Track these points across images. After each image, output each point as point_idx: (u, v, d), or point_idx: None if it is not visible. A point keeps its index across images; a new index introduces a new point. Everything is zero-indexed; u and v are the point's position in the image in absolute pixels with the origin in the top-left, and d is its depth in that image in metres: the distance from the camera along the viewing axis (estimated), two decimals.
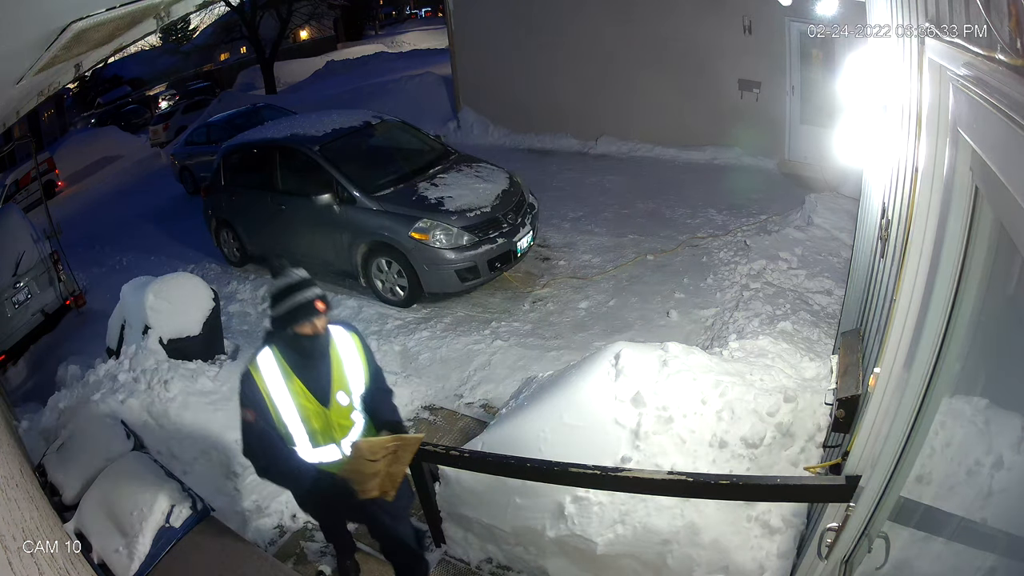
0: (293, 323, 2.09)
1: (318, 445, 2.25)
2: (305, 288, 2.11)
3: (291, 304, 2.09)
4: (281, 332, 2.14)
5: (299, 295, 2.09)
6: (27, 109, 3.76)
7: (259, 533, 3.24)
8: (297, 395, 2.16)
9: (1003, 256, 1.12)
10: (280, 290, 2.13)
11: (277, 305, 2.12)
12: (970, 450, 1.27)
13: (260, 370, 2.15)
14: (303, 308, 2.09)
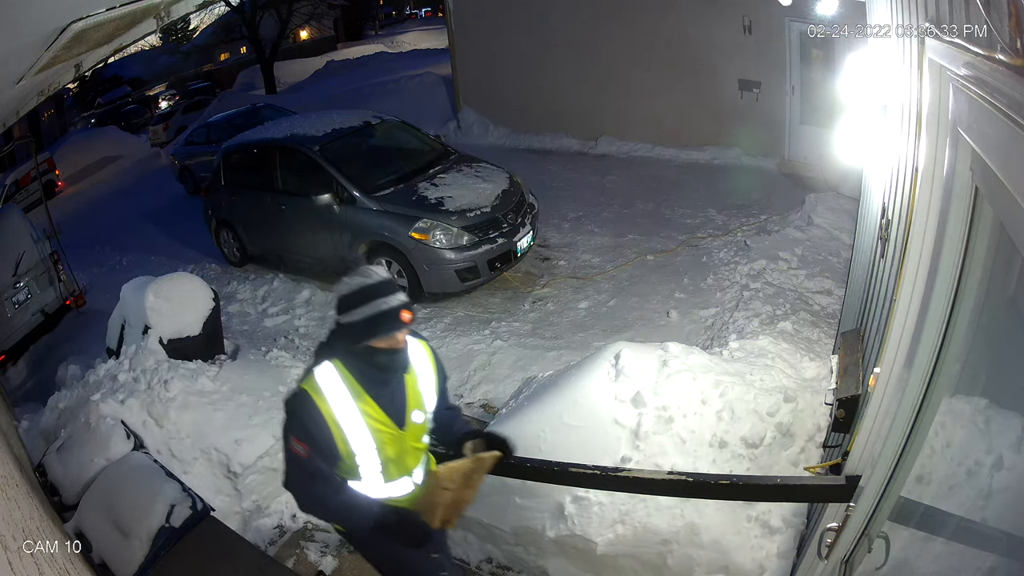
0: (372, 335, 1.72)
1: (391, 479, 1.89)
2: (388, 293, 1.72)
3: (371, 312, 1.70)
4: (351, 343, 1.75)
5: (381, 301, 1.70)
6: (27, 109, 3.76)
7: (259, 533, 3.24)
8: (370, 418, 1.79)
9: (1003, 256, 1.12)
10: (355, 293, 1.72)
11: (350, 311, 1.72)
12: (970, 450, 1.27)
13: (321, 390, 1.74)
14: (386, 318, 1.70)
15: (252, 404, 3.49)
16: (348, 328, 1.73)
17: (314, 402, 1.73)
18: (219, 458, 3.27)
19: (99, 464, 3.05)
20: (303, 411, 1.74)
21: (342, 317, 1.74)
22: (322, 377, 1.76)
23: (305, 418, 1.74)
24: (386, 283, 1.73)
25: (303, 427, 1.74)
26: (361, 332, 1.71)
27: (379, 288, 1.71)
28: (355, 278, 1.73)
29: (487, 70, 9.66)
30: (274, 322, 5.47)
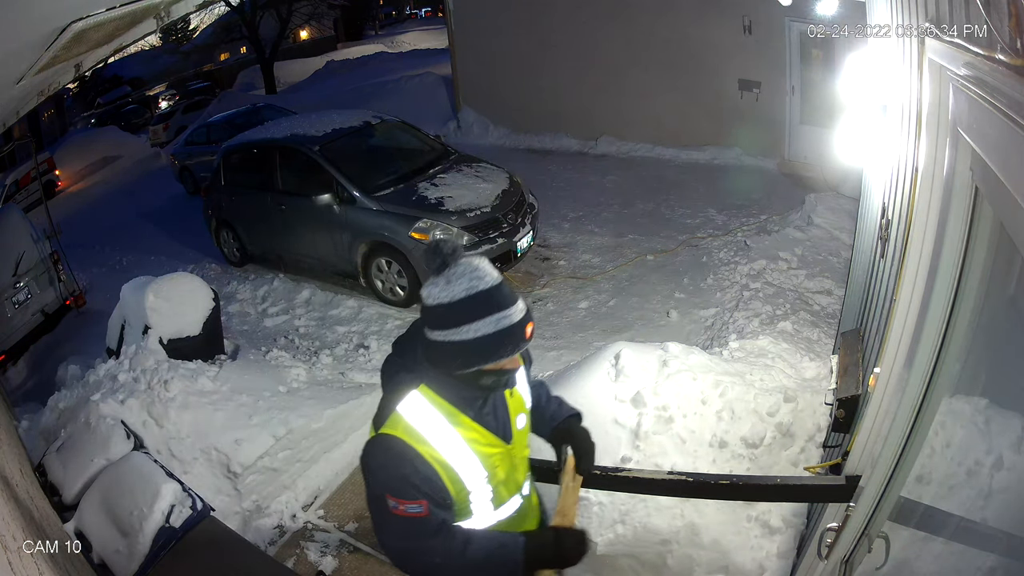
0: (486, 359, 1.28)
1: (501, 503, 1.50)
2: (508, 301, 1.28)
3: (487, 330, 1.26)
4: (451, 368, 1.32)
5: (501, 316, 1.27)
6: (27, 109, 3.76)
7: (259, 533, 3.24)
8: (477, 444, 1.40)
9: (1003, 256, 1.12)
10: (461, 303, 1.26)
11: (454, 327, 1.27)
12: (970, 450, 1.27)
13: (417, 431, 1.34)
14: (508, 337, 1.28)
15: (252, 404, 3.49)
16: (448, 349, 1.28)
17: (412, 448, 1.33)
18: (219, 458, 3.27)
19: (99, 464, 3.06)
20: (400, 462, 1.33)
21: (439, 334, 1.28)
22: (412, 414, 1.35)
23: (406, 471, 1.32)
24: (502, 286, 1.29)
25: (406, 482, 1.32)
26: (470, 356, 1.28)
27: (496, 295, 1.27)
28: (457, 281, 1.27)
29: (487, 70, 9.66)
30: (274, 322, 5.47)
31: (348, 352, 4.80)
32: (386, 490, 1.35)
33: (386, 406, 1.39)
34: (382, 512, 1.38)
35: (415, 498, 1.33)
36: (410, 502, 1.33)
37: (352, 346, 4.87)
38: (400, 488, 1.33)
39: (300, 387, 3.79)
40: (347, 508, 3.37)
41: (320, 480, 3.51)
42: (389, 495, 1.34)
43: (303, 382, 3.85)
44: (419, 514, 1.34)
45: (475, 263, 1.30)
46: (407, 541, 1.38)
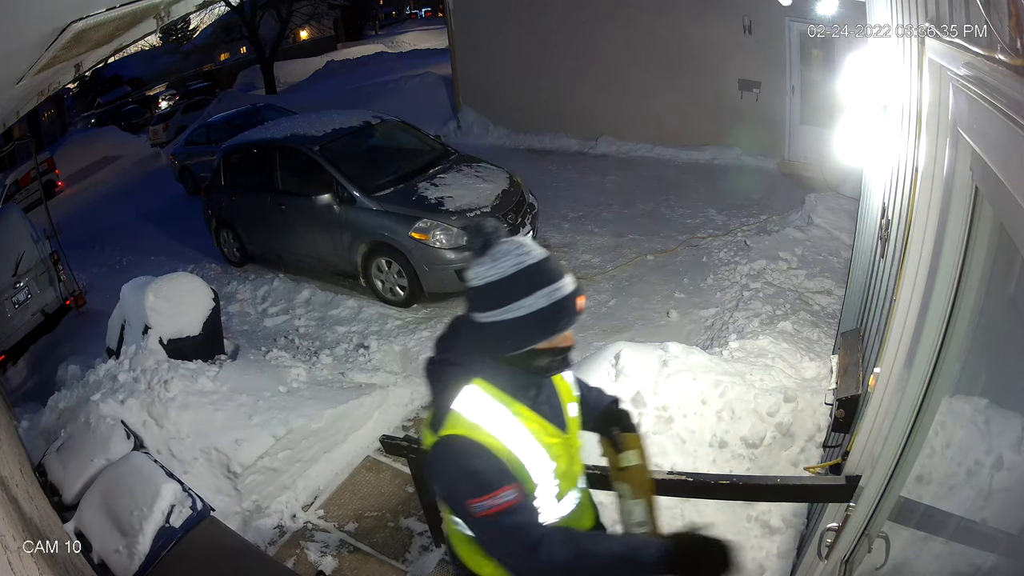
0: (540, 335, 1.23)
1: (562, 496, 1.40)
2: (557, 274, 1.25)
3: (540, 304, 1.21)
4: (504, 349, 1.27)
5: (553, 288, 1.22)
6: (27, 109, 3.76)
7: (259, 533, 3.24)
8: (539, 434, 1.33)
9: (1003, 256, 1.12)
10: (510, 279, 1.22)
11: (504, 305, 1.22)
12: (970, 450, 1.27)
13: (481, 426, 1.25)
14: (562, 310, 1.23)
15: (252, 404, 3.49)
16: (501, 329, 1.23)
17: (478, 443, 1.24)
18: (219, 458, 3.27)
19: (99, 464, 3.06)
20: (470, 459, 1.23)
21: (490, 315, 1.23)
22: (470, 409, 1.27)
23: (479, 465, 1.22)
24: (549, 259, 1.25)
25: (484, 476, 1.22)
26: (525, 333, 1.22)
27: (545, 269, 1.23)
28: (504, 258, 1.23)
29: (487, 70, 9.66)
30: (274, 322, 5.47)
31: (348, 352, 4.80)
32: (467, 496, 1.22)
33: (440, 407, 1.29)
34: (478, 525, 1.25)
35: (501, 484, 1.21)
36: (497, 491, 1.20)
37: (352, 346, 4.87)
38: (480, 484, 1.21)
39: (300, 387, 3.79)
40: (347, 508, 3.37)
41: (320, 480, 3.51)
42: (472, 500, 1.21)
43: (303, 382, 3.85)
44: (514, 500, 1.21)
45: (519, 240, 1.27)
46: (517, 538, 1.22)
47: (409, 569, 2.97)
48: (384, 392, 3.96)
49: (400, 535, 3.17)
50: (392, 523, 3.24)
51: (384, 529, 3.22)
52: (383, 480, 3.51)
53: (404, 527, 3.20)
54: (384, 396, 3.93)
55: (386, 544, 3.13)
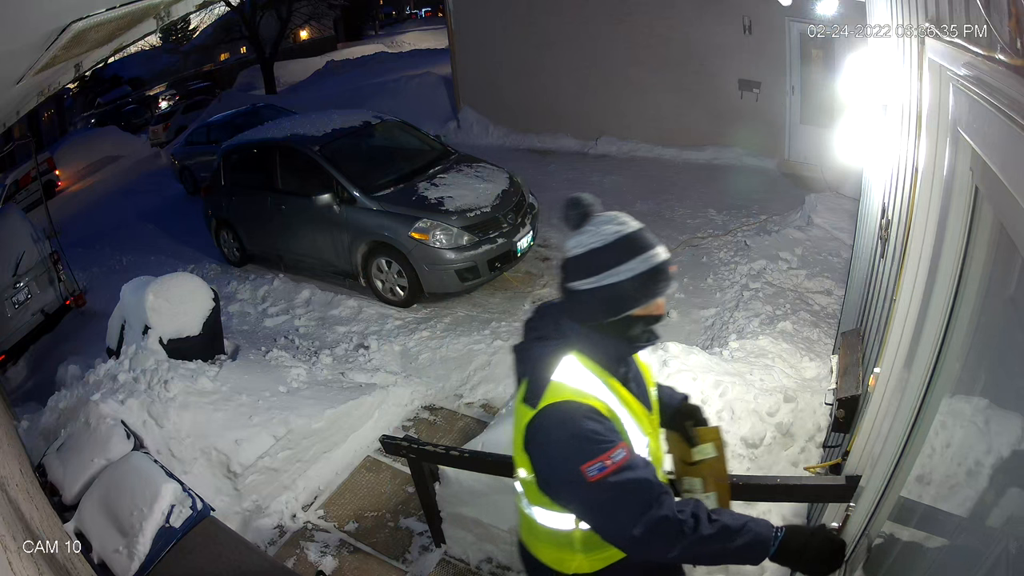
0: (638, 301, 1.26)
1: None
2: (652, 241, 1.29)
3: (639, 268, 1.25)
4: (602, 316, 1.29)
5: (650, 254, 1.26)
6: (27, 109, 3.77)
7: (259, 533, 3.24)
8: (632, 409, 1.36)
9: (1003, 256, 1.12)
10: (609, 247, 1.27)
11: (602, 272, 1.26)
12: (970, 450, 1.27)
13: (582, 390, 1.27)
14: (660, 274, 1.27)
15: (252, 404, 3.49)
16: (602, 295, 1.26)
17: (588, 405, 1.24)
18: (219, 458, 3.27)
19: (99, 464, 3.06)
20: (580, 419, 1.22)
21: (591, 280, 1.26)
22: (571, 378, 1.27)
23: (590, 425, 1.21)
24: (645, 229, 1.29)
25: (595, 435, 1.21)
26: (625, 298, 1.25)
27: (643, 236, 1.27)
28: (604, 226, 1.28)
29: (487, 70, 9.66)
30: (274, 322, 5.47)
31: (348, 352, 4.80)
32: (581, 460, 1.19)
33: (537, 379, 1.29)
34: (591, 493, 1.20)
35: (614, 443, 1.20)
36: (611, 450, 1.19)
37: (352, 346, 4.87)
38: (594, 444, 1.19)
39: (300, 387, 3.79)
40: (347, 508, 3.37)
41: (320, 480, 3.51)
42: (586, 463, 1.19)
43: (303, 382, 3.85)
44: (628, 456, 1.21)
45: (614, 213, 1.32)
46: (637, 494, 1.20)
47: (409, 569, 2.97)
48: (384, 392, 3.96)
49: (400, 535, 3.17)
50: (392, 523, 3.24)
51: (384, 529, 3.22)
52: (383, 480, 3.51)
53: (404, 527, 3.20)
54: (384, 396, 3.93)
55: (386, 544, 3.13)
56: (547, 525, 1.42)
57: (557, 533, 1.41)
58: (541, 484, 1.33)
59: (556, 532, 1.41)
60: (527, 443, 1.30)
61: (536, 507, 1.43)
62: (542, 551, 1.48)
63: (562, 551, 1.43)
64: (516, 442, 1.37)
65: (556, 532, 1.41)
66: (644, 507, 1.21)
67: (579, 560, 1.42)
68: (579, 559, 1.42)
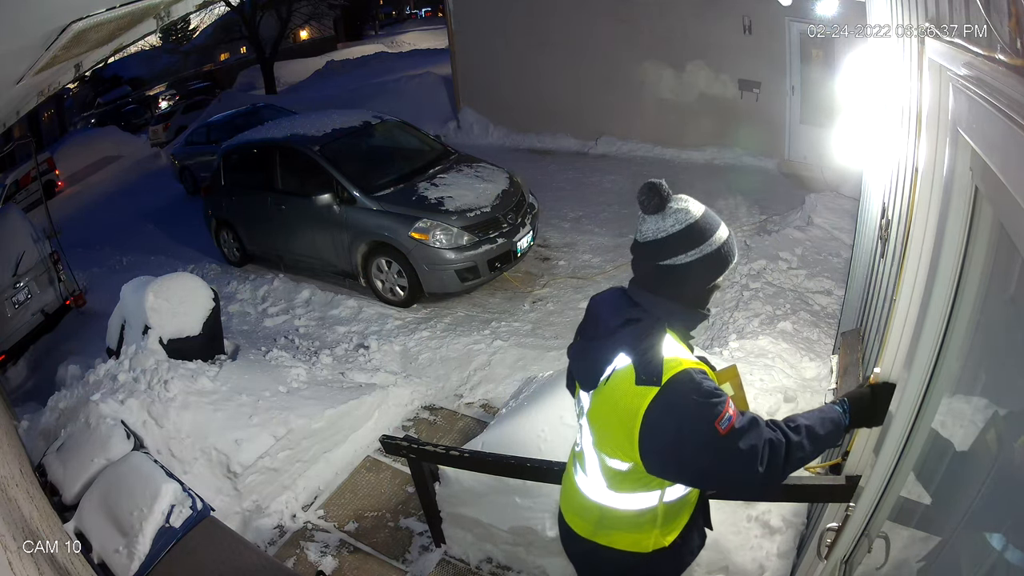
0: (732, 260, 1.43)
1: None
2: (718, 220, 1.45)
3: (727, 232, 1.43)
4: (692, 287, 1.43)
5: (723, 224, 1.44)
6: (27, 109, 3.77)
7: (259, 533, 3.24)
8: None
9: (1003, 256, 1.12)
10: (691, 227, 1.40)
11: (691, 249, 1.39)
12: (970, 450, 1.27)
13: (694, 361, 1.41)
14: (733, 240, 1.45)
15: (252, 404, 3.49)
16: (705, 264, 1.39)
17: (702, 370, 1.38)
18: (219, 458, 3.27)
19: (99, 464, 3.06)
20: (702, 381, 1.34)
21: (692, 254, 1.39)
22: (678, 351, 1.40)
23: (710, 384, 1.35)
24: (713, 212, 1.45)
25: (716, 393, 1.34)
26: (722, 262, 1.41)
27: (711, 211, 1.44)
28: (686, 203, 1.42)
29: (487, 70, 9.66)
30: (274, 322, 5.47)
31: (348, 352, 4.80)
32: (714, 416, 1.31)
33: (649, 360, 1.36)
34: (724, 444, 1.31)
35: (724, 396, 1.34)
36: (727, 403, 1.33)
37: (352, 346, 4.87)
38: (719, 400, 1.33)
39: (300, 387, 3.79)
40: (347, 508, 3.37)
41: (320, 480, 3.51)
42: (716, 420, 1.30)
43: (303, 382, 3.85)
44: (732, 406, 1.35)
45: (681, 194, 1.45)
46: (759, 433, 1.34)
47: (409, 569, 2.97)
48: (384, 392, 3.96)
49: (400, 535, 3.17)
50: (392, 523, 3.24)
51: (384, 529, 3.22)
52: (383, 480, 3.51)
53: (404, 527, 3.20)
54: (384, 396, 3.93)
55: (386, 544, 3.13)
56: (629, 509, 1.51)
57: (639, 514, 1.51)
58: (660, 459, 1.39)
59: (638, 513, 1.51)
60: (652, 419, 1.35)
61: (620, 494, 1.50)
62: (617, 539, 1.56)
63: (641, 531, 1.53)
64: (620, 427, 1.40)
65: (638, 513, 1.51)
66: (758, 442, 1.33)
67: (656, 536, 1.53)
68: (656, 535, 1.53)
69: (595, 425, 1.49)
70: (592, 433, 1.51)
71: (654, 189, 1.41)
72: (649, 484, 1.47)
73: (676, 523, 1.56)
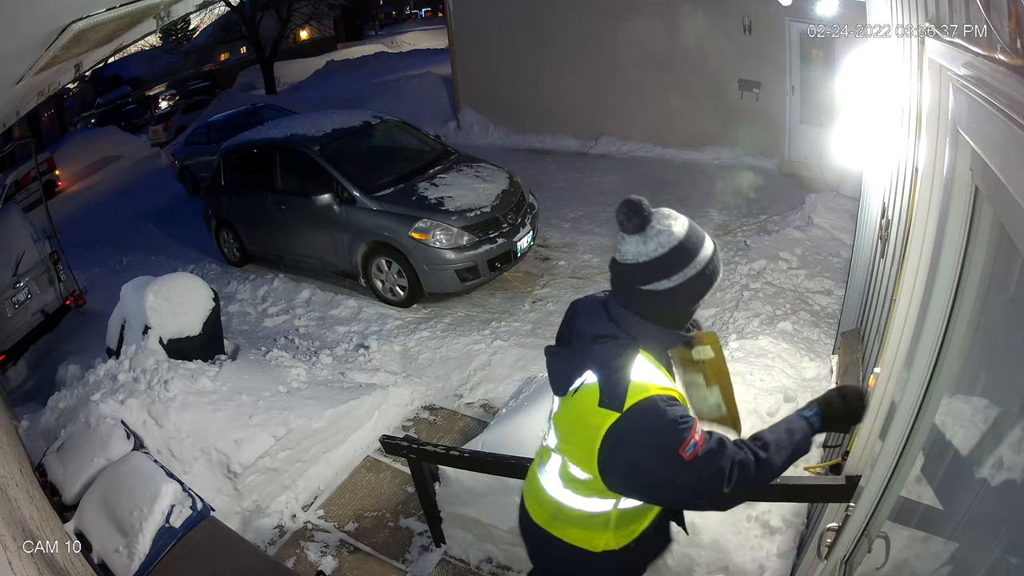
0: (716, 278, 1.38)
1: None
2: (704, 236, 1.38)
3: (703, 262, 1.35)
4: (672, 313, 1.39)
5: (707, 242, 1.37)
6: (27, 109, 3.77)
7: (259, 533, 3.24)
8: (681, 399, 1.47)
9: (1003, 256, 1.12)
10: (675, 250, 1.33)
11: (674, 273, 1.33)
12: (970, 450, 1.27)
13: (661, 386, 1.35)
14: (719, 258, 1.39)
15: (252, 404, 3.49)
16: (689, 288, 1.34)
17: (671, 396, 1.34)
18: (219, 458, 3.27)
19: (99, 464, 3.06)
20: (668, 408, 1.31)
21: (677, 277, 1.33)
22: (648, 374, 1.34)
23: (678, 411, 1.32)
24: (690, 219, 1.38)
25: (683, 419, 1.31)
26: (702, 285, 1.35)
27: (696, 227, 1.37)
28: (670, 223, 1.34)
29: (487, 70, 9.66)
30: (274, 322, 5.47)
31: (348, 352, 4.80)
32: (677, 443, 1.28)
33: (615, 382, 1.32)
34: (689, 471, 1.30)
35: (692, 420, 1.32)
36: (693, 428, 1.31)
37: (352, 346, 4.87)
38: (685, 427, 1.30)
39: (300, 387, 3.79)
40: (347, 508, 3.37)
41: (320, 480, 3.51)
42: (681, 447, 1.28)
43: (303, 382, 3.85)
44: (699, 429, 1.33)
45: (665, 210, 1.37)
46: (724, 456, 1.32)
47: (409, 569, 2.97)
48: (384, 392, 3.96)
49: (400, 535, 3.17)
50: (392, 523, 3.24)
51: (384, 529, 3.22)
52: (383, 480, 3.51)
53: (404, 527, 3.21)
54: (384, 396, 3.93)
55: (386, 544, 3.13)
56: (583, 510, 1.50)
57: (592, 515, 1.50)
58: (619, 478, 1.38)
59: (591, 515, 1.50)
60: (611, 444, 1.33)
61: (576, 495, 1.49)
62: (569, 533, 1.56)
63: (593, 531, 1.53)
64: (581, 442, 1.39)
65: (591, 515, 1.50)
66: (724, 464, 1.32)
67: (607, 538, 1.53)
68: (607, 537, 1.53)
69: (560, 430, 1.50)
70: (557, 436, 1.52)
71: (633, 207, 1.33)
72: (603, 493, 1.45)
73: (630, 529, 1.55)
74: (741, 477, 1.33)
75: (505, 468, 2.49)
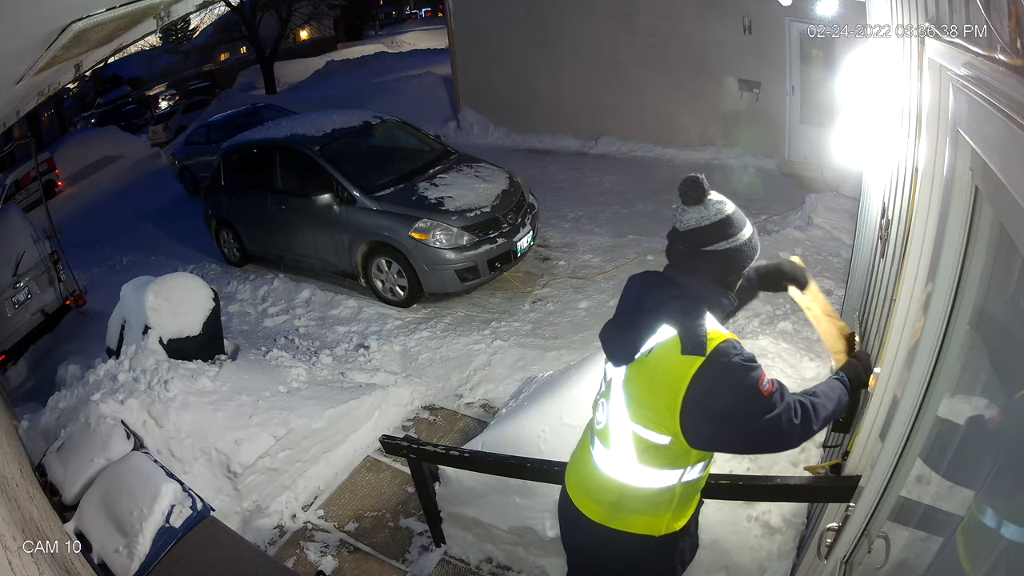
0: (758, 249, 1.61)
1: None
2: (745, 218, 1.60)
3: (751, 239, 1.59)
4: (733, 270, 1.60)
5: (751, 228, 1.61)
6: (27, 109, 3.77)
7: (259, 533, 3.24)
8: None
9: (1003, 256, 1.12)
10: (728, 218, 1.55)
11: (743, 227, 1.57)
12: (970, 450, 1.27)
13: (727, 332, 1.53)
14: (759, 245, 1.62)
15: (252, 404, 3.49)
16: (741, 251, 1.56)
17: (739, 341, 1.50)
18: (219, 458, 3.27)
19: (99, 464, 3.06)
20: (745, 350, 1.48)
21: (730, 241, 1.55)
22: (715, 323, 1.52)
23: (750, 354, 1.48)
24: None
25: (755, 362, 1.46)
26: (751, 251, 1.58)
27: (741, 212, 1.60)
28: (721, 198, 1.57)
29: (487, 70, 9.66)
30: (274, 322, 5.47)
31: (348, 352, 4.80)
32: (756, 380, 1.43)
33: (695, 333, 1.46)
34: (766, 406, 1.43)
35: (761, 367, 1.47)
36: (763, 371, 1.46)
37: (352, 346, 4.87)
38: (756, 365, 1.46)
39: (300, 387, 3.79)
40: (347, 508, 3.37)
41: (320, 480, 3.51)
42: (759, 382, 1.44)
43: (303, 382, 3.85)
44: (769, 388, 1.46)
45: (717, 196, 1.59)
46: (790, 401, 1.47)
47: (409, 569, 2.97)
48: (384, 392, 3.96)
49: (400, 535, 3.17)
50: (392, 523, 3.24)
51: (384, 529, 3.22)
52: (383, 480, 3.51)
53: (404, 527, 3.21)
54: (384, 396, 3.93)
55: (386, 544, 3.13)
56: (650, 487, 1.57)
57: (659, 493, 1.58)
58: (706, 423, 1.47)
59: (658, 492, 1.58)
60: (697, 389, 1.44)
61: (647, 468, 1.56)
62: (631, 521, 1.61)
63: (657, 513, 1.61)
64: (662, 398, 1.48)
65: (658, 492, 1.58)
66: (791, 399, 1.48)
67: (668, 519, 1.62)
68: (669, 518, 1.62)
69: (632, 397, 1.56)
70: (627, 406, 1.56)
71: (696, 183, 1.54)
72: (676, 461, 1.54)
73: (688, 507, 1.66)
74: (803, 414, 1.48)
75: (505, 468, 2.49)
